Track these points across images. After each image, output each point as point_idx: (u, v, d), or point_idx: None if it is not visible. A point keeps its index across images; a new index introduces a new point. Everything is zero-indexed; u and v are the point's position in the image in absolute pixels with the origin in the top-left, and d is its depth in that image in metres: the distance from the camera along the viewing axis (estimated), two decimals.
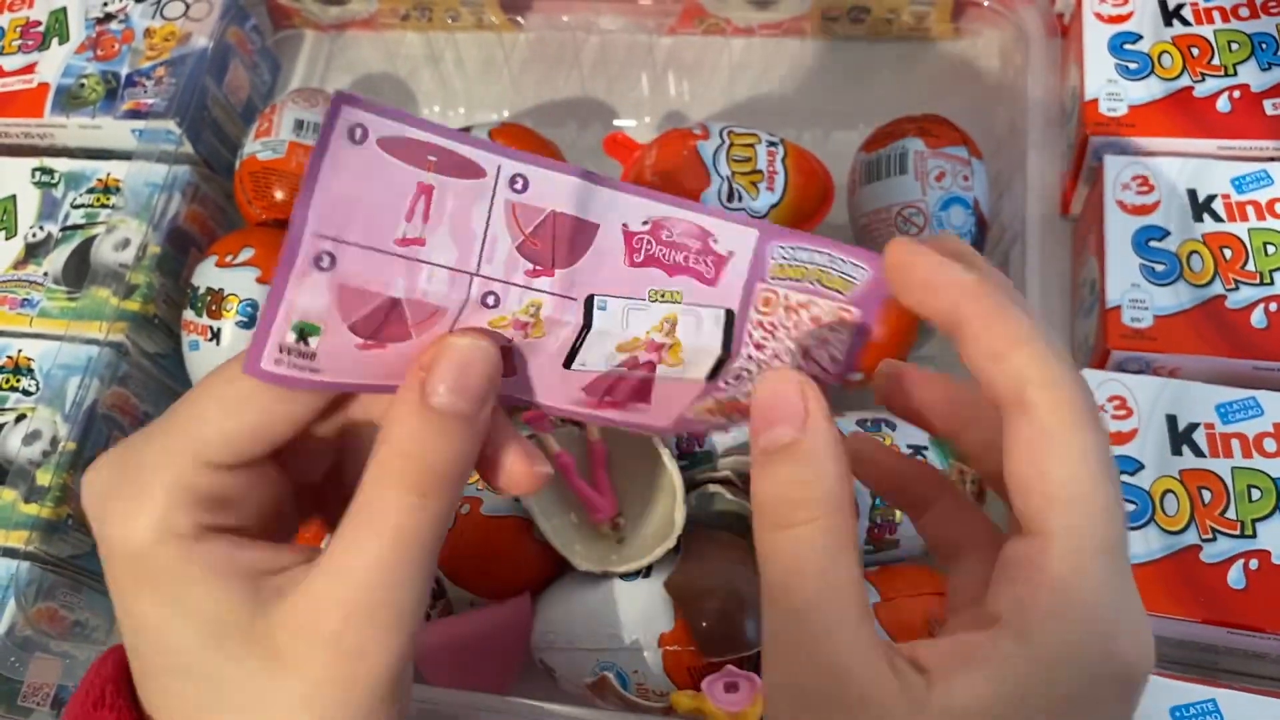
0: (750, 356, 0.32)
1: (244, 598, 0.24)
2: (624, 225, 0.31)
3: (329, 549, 0.24)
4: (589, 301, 0.30)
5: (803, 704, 0.23)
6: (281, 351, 0.27)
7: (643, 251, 0.31)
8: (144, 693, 0.25)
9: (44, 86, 0.62)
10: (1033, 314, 0.24)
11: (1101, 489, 0.22)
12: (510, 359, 0.31)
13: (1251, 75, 0.53)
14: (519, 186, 0.29)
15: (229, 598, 0.24)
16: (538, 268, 0.30)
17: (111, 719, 0.25)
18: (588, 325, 0.30)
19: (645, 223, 0.31)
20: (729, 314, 0.31)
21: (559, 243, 0.30)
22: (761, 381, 0.25)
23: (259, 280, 0.53)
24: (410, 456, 0.24)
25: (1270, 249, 0.48)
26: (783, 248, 0.32)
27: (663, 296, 0.31)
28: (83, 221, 0.59)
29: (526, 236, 0.29)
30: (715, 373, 0.32)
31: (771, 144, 0.53)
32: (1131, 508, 0.44)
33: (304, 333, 0.28)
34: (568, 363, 0.31)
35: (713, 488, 0.47)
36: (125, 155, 0.59)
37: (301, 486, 0.28)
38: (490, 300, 0.29)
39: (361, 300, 0.28)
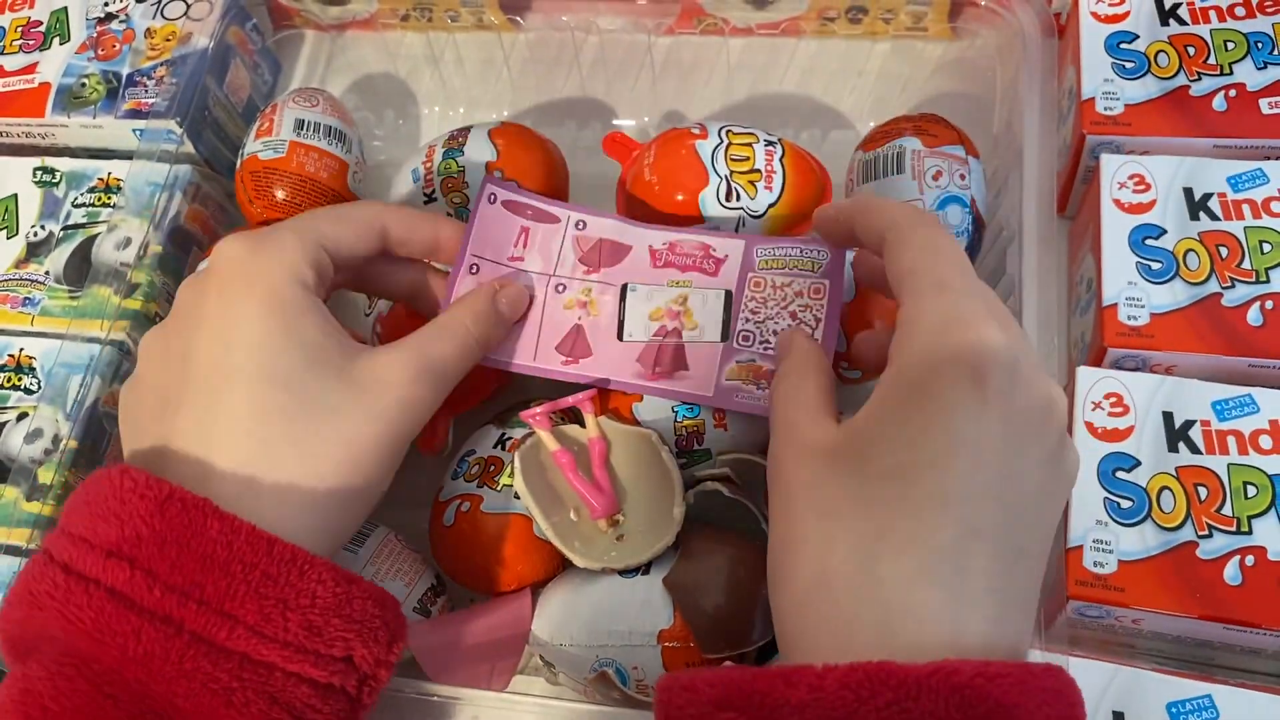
0: (749, 320, 0.47)
1: (339, 340, 0.37)
2: (649, 246, 0.50)
3: (410, 338, 0.39)
4: (624, 286, 0.49)
5: (772, 463, 0.36)
6: None
7: (662, 259, 0.49)
8: (227, 399, 0.34)
9: (45, 86, 0.62)
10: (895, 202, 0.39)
11: (932, 254, 0.34)
12: (584, 341, 0.48)
13: (1248, 74, 0.53)
14: (580, 226, 0.51)
15: (329, 338, 0.36)
16: (590, 269, 0.49)
17: (140, 476, 0.33)
18: (625, 299, 0.49)
19: (664, 244, 0.50)
20: (728, 293, 0.48)
21: (604, 255, 0.50)
22: (784, 336, 0.43)
23: None
24: (482, 312, 0.43)
25: (1266, 247, 0.49)
26: (764, 248, 0.49)
27: (678, 284, 0.49)
28: (84, 221, 0.59)
29: (584, 253, 0.50)
30: (725, 334, 0.47)
31: (770, 143, 0.53)
32: (1128, 504, 0.44)
33: None
34: (620, 334, 0.48)
35: (711, 485, 0.47)
36: (126, 155, 0.59)
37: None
38: (560, 288, 0.49)
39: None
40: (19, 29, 0.64)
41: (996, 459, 0.29)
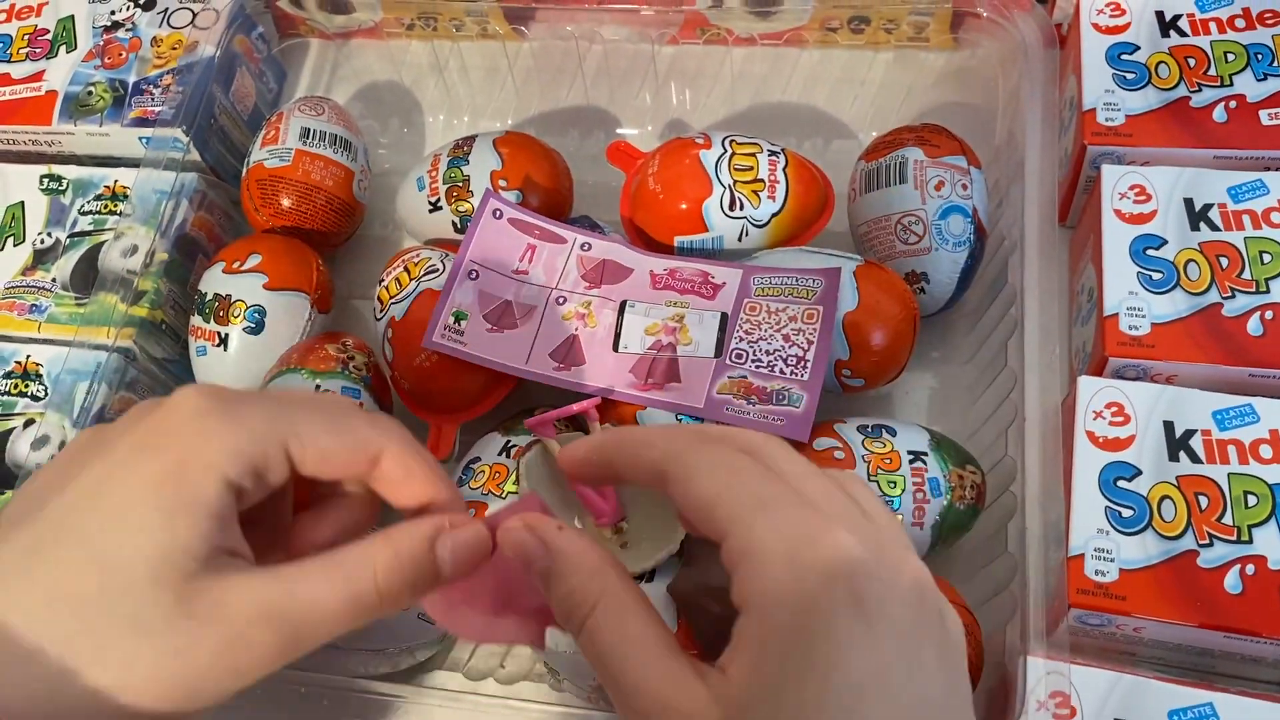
0: (742, 339, 0.48)
1: (208, 552, 0.27)
2: (651, 271, 0.51)
3: (291, 564, 0.28)
4: (623, 303, 0.50)
5: None
6: (445, 329, 0.50)
7: (662, 283, 0.51)
8: (37, 555, 0.27)
9: (52, 94, 0.62)
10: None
11: (734, 472, 0.27)
12: (579, 350, 0.49)
13: (1247, 85, 0.53)
14: (585, 248, 0.53)
15: (200, 543, 0.27)
16: (591, 285, 0.51)
17: None
18: (622, 314, 0.50)
19: (665, 269, 0.51)
20: (723, 315, 0.49)
21: (606, 274, 0.51)
22: (502, 540, 0.30)
23: (266, 286, 0.53)
24: (396, 556, 0.29)
25: (1266, 257, 0.49)
26: (761, 277, 0.50)
27: (675, 304, 0.50)
28: (91, 228, 0.59)
29: (587, 270, 0.52)
30: (719, 350, 0.48)
31: (773, 153, 0.54)
32: (1129, 513, 0.45)
33: (458, 318, 0.50)
34: (615, 346, 0.49)
35: None
36: (133, 162, 0.59)
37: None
38: (560, 300, 0.51)
39: (490, 300, 0.51)
40: (26, 37, 0.65)
41: (900, 680, 0.25)
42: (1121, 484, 0.45)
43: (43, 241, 0.59)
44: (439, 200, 0.56)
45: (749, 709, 0.25)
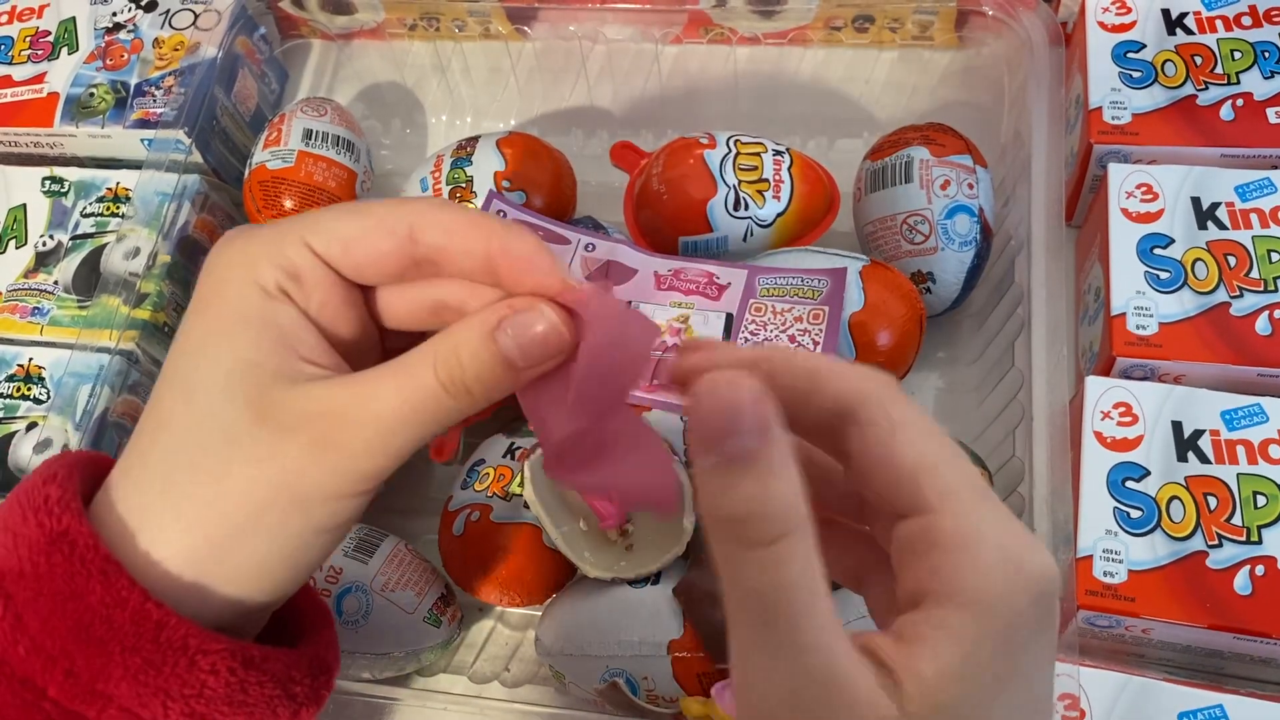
0: (748, 340, 0.47)
1: (276, 362, 0.28)
2: (655, 271, 0.50)
3: (359, 376, 0.28)
4: (627, 304, 0.46)
5: (802, 714, 0.23)
6: None
7: (667, 284, 0.50)
8: (149, 415, 0.28)
9: (54, 96, 0.62)
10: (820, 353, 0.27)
11: (947, 448, 0.25)
12: None
13: (1255, 83, 0.53)
14: (590, 249, 0.51)
15: (265, 354, 0.28)
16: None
17: (55, 492, 0.27)
18: None
19: (669, 271, 0.50)
20: (729, 315, 0.48)
21: (610, 275, 0.50)
22: (709, 382, 0.23)
23: None
24: (458, 364, 0.27)
25: (1274, 256, 0.49)
26: (766, 278, 0.49)
27: (680, 305, 0.49)
28: (93, 230, 0.59)
29: (591, 271, 0.50)
30: None
31: (777, 153, 0.53)
32: (1137, 514, 0.44)
33: None
34: None
35: None
36: (135, 164, 0.59)
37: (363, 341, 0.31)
38: None
39: None
40: (28, 39, 0.65)
41: (1049, 689, 0.25)
42: (1130, 484, 0.45)
43: (45, 244, 0.59)
44: None
45: (951, 709, 0.22)
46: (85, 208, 0.60)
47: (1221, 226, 0.50)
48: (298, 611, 0.31)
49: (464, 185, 0.55)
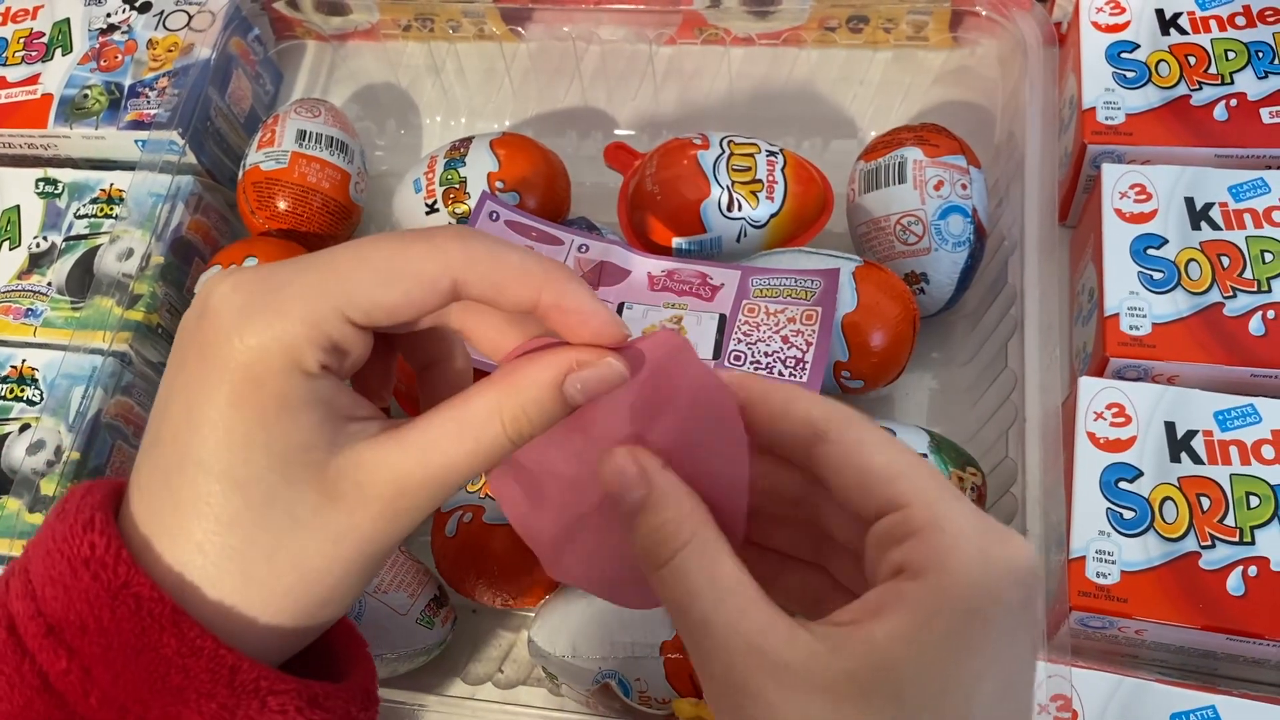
0: (741, 341, 0.48)
1: (328, 436, 0.27)
2: (648, 272, 0.51)
3: (415, 426, 0.27)
4: (620, 305, 0.50)
5: (736, 693, 0.25)
6: None
7: (660, 284, 0.51)
8: (168, 488, 0.27)
9: (48, 97, 0.62)
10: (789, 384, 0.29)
11: (911, 454, 0.27)
12: None
13: (1248, 84, 0.53)
14: (583, 249, 0.52)
15: (315, 433, 0.27)
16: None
17: (100, 541, 0.26)
18: (620, 315, 0.47)
19: (662, 271, 0.51)
20: (722, 316, 0.49)
21: (604, 276, 0.51)
22: (602, 461, 0.28)
23: None
24: (526, 420, 0.27)
25: (1268, 256, 0.49)
26: (760, 278, 0.50)
27: (673, 306, 0.50)
28: (86, 232, 0.59)
29: (584, 272, 0.51)
30: (717, 352, 0.48)
31: (771, 153, 0.53)
32: (1130, 515, 0.44)
33: None
34: None
35: None
36: (129, 166, 0.59)
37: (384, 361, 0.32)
38: None
39: None
40: (21, 40, 0.64)
41: (1024, 678, 0.26)
42: (1123, 485, 0.45)
43: (38, 245, 0.59)
44: (435, 202, 0.56)
45: (894, 668, 0.24)
46: (79, 209, 0.60)
47: (1215, 227, 0.50)
48: (333, 637, 0.32)
49: (457, 186, 0.55)
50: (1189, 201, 0.50)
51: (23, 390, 0.55)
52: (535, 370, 0.28)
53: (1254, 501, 0.44)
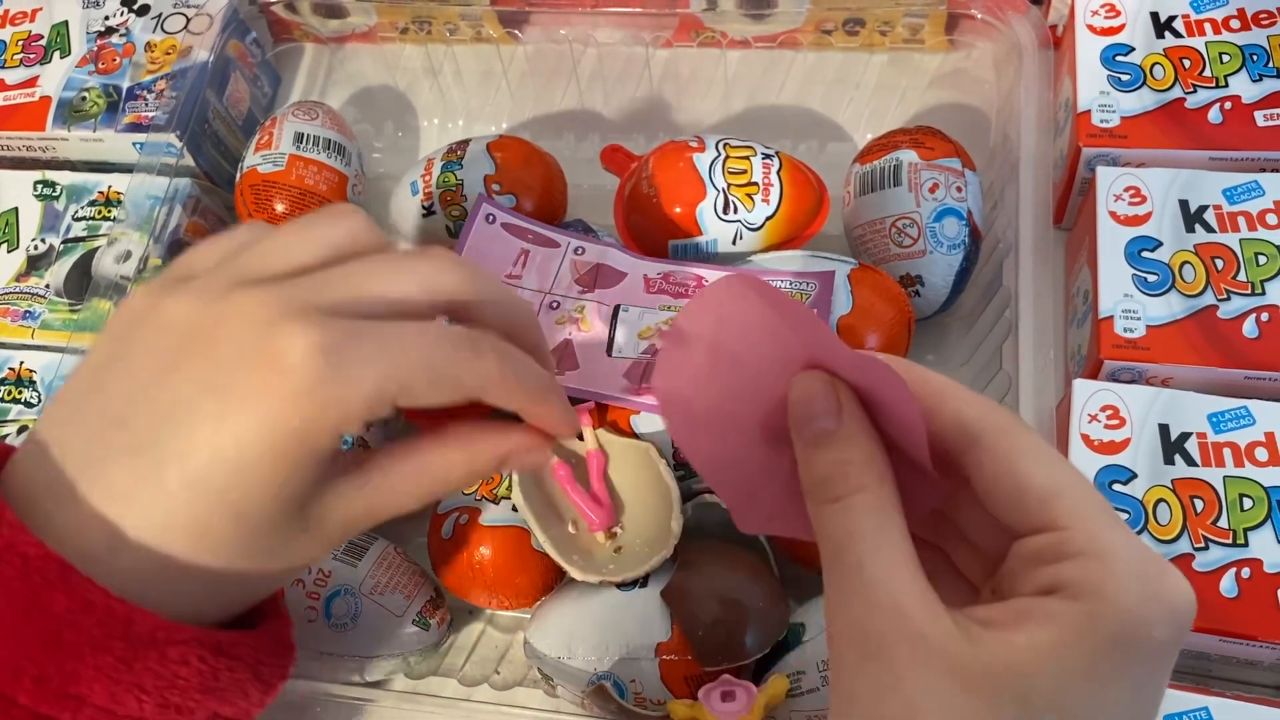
0: None
1: (325, 480, 0.29)
2: (645, 275, 0.51)
3: (379, 466, 0.30)
4: (616, 307, 0.50)
5: (865, 645, 0.25)
6: None
7: (656, 287, 0.51)
8: (117, 470, 0.28)
9: (46, 100, 0.62)
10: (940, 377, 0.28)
11: (1072, 470, 0.26)
12: (573, 355, 0.48)
13: (1243, 87, 0.53)
14: (579, 252, 0.52)
15: (320, 480, 0.29)
16: (584, 289, 0.51)
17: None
18: (616, 317, 0.49)
19: (659, 274, 0.51)
20: None
21: (600, 278, 0.51)
22: (796, 382, 0.28)
23: None
24: (473, 470, 0.31)
25: (1261, 259, 0.49)
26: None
27: (669, 309, 0.49)
28: (84, 234, 0.59)
29: (580, 275, 0.51)
30: None
31: (767, 156, 0.54)
32: (1124, 517, 0.44)
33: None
34: (609, 350, 0.48)
35: (709, 497, 0.47)
36: (127, 168, 0.59)
37: None
38: (554, 305, 0.50)
39: None
40: (20, 43, 0.65)
41: (1153, 714, 0.26)
42: (1117, 487, 0.45)
43: (36, 247, 0.59)
44: (433, 204, 0.56)
45: (1029, 676, 0.24)
46: (77, 211, 0.60)
47: (1209, 229, 0.50)
48: None
49: (454, 189, 0.56)
50: (1183, 204, 0.51)
51: (20, 392, 0.55)
52: (489, 445, 0.31)
53: (1247, 504, 0.44)
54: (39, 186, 0.61)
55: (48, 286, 0.58)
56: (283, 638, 0.31)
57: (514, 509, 0.47)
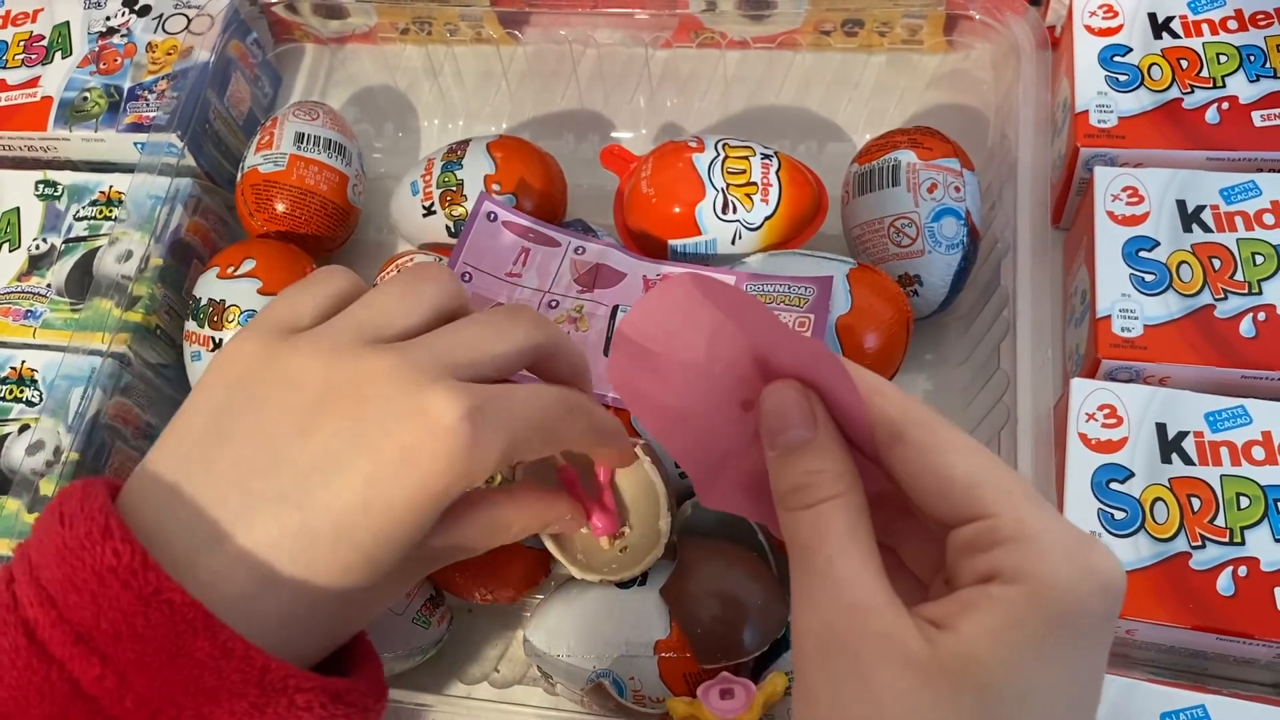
0: None
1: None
2: (643, 274, 0.52)
3: (454, 527, 0.32)
4: (615, 307, 0.50)
5: (831, 642, 0.26)
6: None
7: (655, 286, 0.44)
8: (261, 514, 0.29)
9: (47, 100, 0.62)
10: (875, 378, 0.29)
11: (993, 459, 0.27)
12: None
13: (1240, 87, 0.53)
14: (579, 251, 0.53)
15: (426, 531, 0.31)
16: (583, 289, 0.51)
17: (125, 550, 0.28)
18: (614, 318, 0.50)
19: (657, 275, 0.52)
20: None
21: (599, 278, 0.52)
22: (770, 392, 0.28)
23: (260, 291, 0.53)
24: (526, 528, 0.36)
25: (1259, 259, 0.49)
26: (753, 284, 0.50)
27: None
28: (85, 234, 0.59)
29: (580, 274, 0.52)
30: None
31: (766, 156, 0.54)
32: (1121, 515, 0.45)
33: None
34: (607, 350, 0.49)
35: None
36: (128, 168, 0.59)
37: None
38: (553, 304, 0.51)
39: (483, 303, 0.48)
40: (21, 43, 0.65)
41: (1098, 686, 0.27)
42: (1114, 486, 0.45)
43: (38, 247, 0.59)
44: (433, 204, 0.56)
45: (982, 663, 0.25)
46: (78, 211, 0.60)
47: (1206, 229, 0.50)
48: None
49: (454, 189, 0.56)
50: (1180, 204, 0.51)
51: (22, 391, 0.55)
52: (546, 510, 0.37)
53: (1244, 502, 0.44)
54: (40, 186, 0.61)
55: (49, 286, 0.58)
56: (381, 682, 0.33)
57: None
